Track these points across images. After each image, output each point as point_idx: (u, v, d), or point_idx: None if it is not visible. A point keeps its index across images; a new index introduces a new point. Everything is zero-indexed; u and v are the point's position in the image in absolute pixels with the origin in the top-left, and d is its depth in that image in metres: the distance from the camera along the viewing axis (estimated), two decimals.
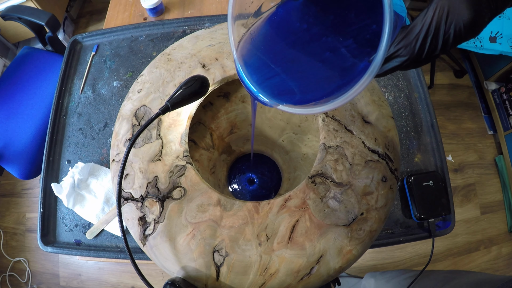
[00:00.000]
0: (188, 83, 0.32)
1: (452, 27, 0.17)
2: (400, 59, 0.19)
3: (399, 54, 0.19)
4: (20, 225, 1.33)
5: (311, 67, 0.23)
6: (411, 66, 0.20)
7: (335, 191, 0.33)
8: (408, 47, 0.18)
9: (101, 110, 0.65)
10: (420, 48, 0.18)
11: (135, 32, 0.72)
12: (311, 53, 0.23)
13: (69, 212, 0.58)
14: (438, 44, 0.18)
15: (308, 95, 0.22)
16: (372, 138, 0.36)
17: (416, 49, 0.18)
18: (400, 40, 0.19)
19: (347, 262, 0.32)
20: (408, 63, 0.19)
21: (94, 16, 1.70)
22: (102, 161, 0.61)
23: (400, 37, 0.19)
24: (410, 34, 0.18)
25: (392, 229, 0.54)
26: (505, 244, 1.20)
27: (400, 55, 0.19)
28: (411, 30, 0.18)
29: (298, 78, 0.23)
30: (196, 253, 0.31)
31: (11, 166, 0.89)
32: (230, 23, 0.23)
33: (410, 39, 0.18)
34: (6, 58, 1.47)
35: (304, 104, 0.22)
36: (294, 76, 0.23)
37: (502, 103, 1.27)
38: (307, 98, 0.22)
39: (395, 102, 0.62)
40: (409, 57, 0.19)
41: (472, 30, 0.17)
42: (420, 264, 1.15)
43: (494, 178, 1.28)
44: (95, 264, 1.23)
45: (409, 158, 0.58)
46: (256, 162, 0.57)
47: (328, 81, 0.22)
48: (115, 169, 0.37)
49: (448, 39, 0.17)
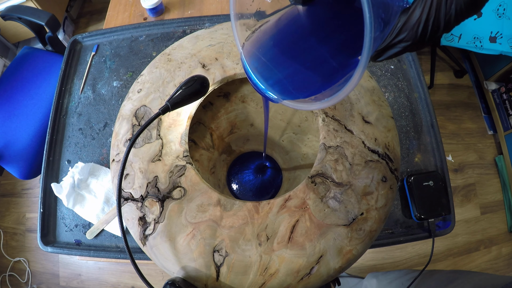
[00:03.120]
0: (188, 83, 0.32)
1: (453, 7, 0.17)
2: (404, 44, 0.19)
3: (402, 39, 0.19)
4: (20, 225, 1.33)
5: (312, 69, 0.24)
6: (415, 49, 0.20)
7: (335, 191, 0.33)
8: (411, 32, 0.18)
9: (101, 110, 0.65)
10: (423, 32, 0.18)
11: (135, 32, 0.72)
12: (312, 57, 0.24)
13: (69, 212, 0.58)
14: (440, 25, 0.17)
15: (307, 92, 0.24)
16: (372, 138, 0.36)
17: (418, 33, 0.18)
18: (402, 26, 0.19)
19: (347, 262, 0.32)
20: (413, 46, 0.19)
21: (94, 16, 1.70)
22: (102, 161, 0.61)
23: (401, 22, 0.19)
24: (411, 18, 0.18)
25: (392, 229, 0.54)
26: (505, 244, 1.20)
27: (403, 40, 0.19)
28: (411, 15, 0.18)
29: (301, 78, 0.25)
30: (196, 253, 0.31)
31: (11, 166, 0.89)
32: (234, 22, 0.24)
33: (411, 24, 0.18)
34: (6, 58, 1.47)
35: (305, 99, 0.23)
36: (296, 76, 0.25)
37: (502, 103, 1.27)
38: (306, 94, 0.24)
39: (395, 102, 0.62)
40: (412, 42, 0.19)
41: (473, 7, 0.17)
42: (420, 264, 1.15)
43: (494, 178, 1.28)
44: (95, 264, 1.23)
45: (409, 158, 0.58)
46: (257, 162, 0.57)
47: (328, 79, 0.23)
48: (115, 169, 0.37)
49: (450, 19, 0.17)
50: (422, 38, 0.18)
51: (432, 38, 0.18)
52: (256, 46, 0.26)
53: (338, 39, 0.23)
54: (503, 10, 0.97)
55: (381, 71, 0.65)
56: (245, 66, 0.26)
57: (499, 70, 1.24)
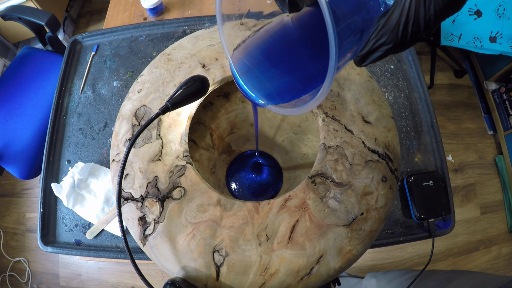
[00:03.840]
0: (188, 83, 0.32)
1: (432, 7, 0.16)
2: (386, 47, 0.19)
3: (383, 42, 0.19)
4: (20, 225, 1.33)
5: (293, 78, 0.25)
6: (399, 50, 0.19)
7: (335, 191, 0.33)
8: (391, 34, 0.18)
9: (101, 110, 0.65)
10: (403, 34, 0.18)
11: (135, 32, 0.72)
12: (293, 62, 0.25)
13: (69, 212, 0.58)
14: (421, 26, 0.17)
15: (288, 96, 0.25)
16: (372, 138, 0.36)
17: (399, 35, 0.18)
18: (381, 28, 0.18)
19: (347, 262, 0.32)
20: (395, 49, 0.19)
21: (94, 16, 1.70)
22: (102, 161, 0.61)
23: (381, 25, 0.18)
24: (389, 21, 0.18)
25: (392, 229, 0.54)
26: (505, 244, 1.20)
27: (385, 43, 0.19)
28: (389, 17, 0.18)
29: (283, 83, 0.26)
30: (196, 253, 0.31)
31: (11, 166, 0.89)
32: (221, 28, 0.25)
33: (391, 26, 0.18)
34: (6, 58, 1.47)
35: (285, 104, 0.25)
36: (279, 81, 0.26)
37: (502, 103, 1.27)
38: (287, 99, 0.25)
39: (395, 102, 0.62)
40: (394, 44, 0.18)
41: (453, 5, 0.17)
42: (420, 264, 1.15)
43: (494, 178, 1.28)
44: (95, 264, 1.23)
45: (409, 158, 0.58)
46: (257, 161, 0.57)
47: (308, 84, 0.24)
48: (115, 169, 0.37)
49: (430, 19, 0.17)
50: (404, 40, 0.18)
51: (413, 39, 0.18)
52: (244, 53, 0.27)
53: (318, 46, 0.23)
54: (503, 10, 0.97)
55: (381, 71, 0.65)
56: (233, 71, 0.27)
57: (499, 70, 1.24)
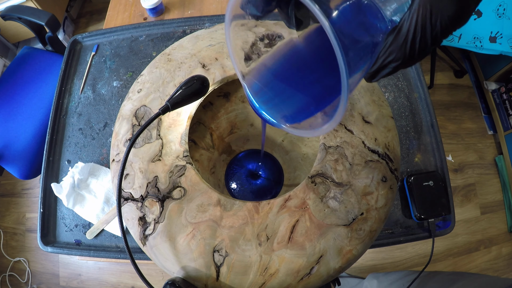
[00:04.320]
0: (188, 83, 0.32)
1: (438, 23, 0.17)
2: (395, 64, 0.19)
3: (392, 59, 0.19)
4: (20, 225, 1.33)
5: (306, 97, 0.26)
6: (408, 65, 0.20)
7: (335, 191, 0.33)
8: (399, 52, 0.19)
9: (101, 110, 0.65)
10: (411, 50, 0.18)
11: (135, 32, 0.72)
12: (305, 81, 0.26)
13: (69, 212, 0.58)
14: (428, 42, 0.18)
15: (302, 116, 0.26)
16: (372, 138, 0.36)
17: (407, 52, 0.18)
18: (389, 46, 0.19)
19: (347, 262, 0.32)
20: (404, 65, 0.20)
21: (94, 16, 1.70)
22: (102, 161, 0.61)
23: (389, 43, 0.19)
24: (397, 39, 0.18)
25: (392, 229, 0.54)
26: (505, 244, 1.20)
27: (393, 60, 0.19)
28: (397, 35, 0.18)
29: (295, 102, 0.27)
30: (196, 253, 0.31)
31: (11, 166, 0.89)
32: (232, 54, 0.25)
33: (399, 44, 0.18)
34: (6, 58, 1.47)
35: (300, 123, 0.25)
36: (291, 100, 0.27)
37: (502, 103, 1.27)
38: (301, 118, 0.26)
39: (395, 102, 0.62)
40: (403, 60, 0.19)
41: (459, 21, 0.17)
42: (420, 264, 1.15)
43: (494, 178, 1.28)
44: (95, 264, 1.23)
45: (409, 158, 0.58)
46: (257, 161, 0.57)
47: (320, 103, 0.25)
48: (115, 169, 0.37)
49: (437, 36, 0.17)
50: (412, 56, 0.19)
51: (421, 55, 0.19)
52: (255, 74, 0.27)
53: (328, 64, 0.23)
54: (503, 10, 0.97)
55: None
56: (247, 92, 0.28)
57: (499, 70, 1.24)
